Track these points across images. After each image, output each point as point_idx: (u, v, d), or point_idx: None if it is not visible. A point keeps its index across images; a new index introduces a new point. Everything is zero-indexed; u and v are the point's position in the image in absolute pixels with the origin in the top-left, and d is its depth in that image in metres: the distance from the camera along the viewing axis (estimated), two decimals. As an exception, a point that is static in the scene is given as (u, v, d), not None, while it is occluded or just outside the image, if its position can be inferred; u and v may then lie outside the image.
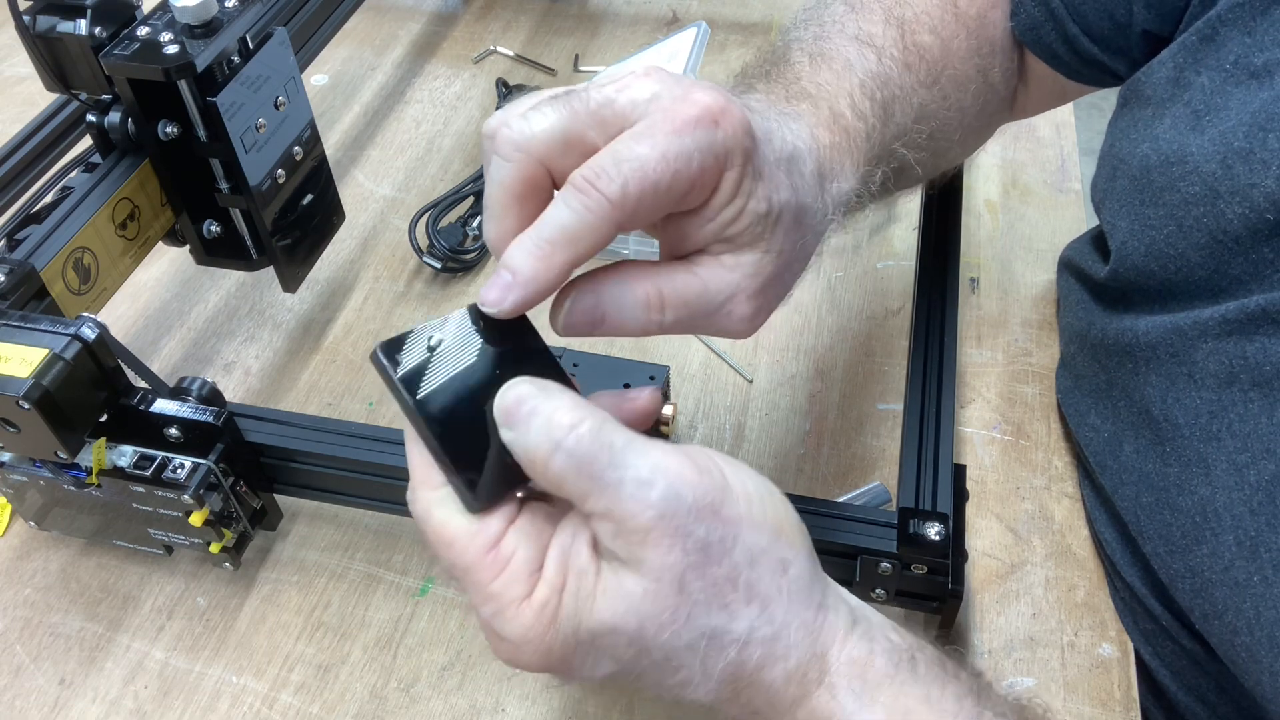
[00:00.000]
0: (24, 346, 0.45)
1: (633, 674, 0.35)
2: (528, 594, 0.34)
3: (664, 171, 0.34)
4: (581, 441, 0.32)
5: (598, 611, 0.33)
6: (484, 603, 0.34)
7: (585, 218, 0.34)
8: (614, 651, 0.34)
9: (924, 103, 0.51)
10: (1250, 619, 0.43)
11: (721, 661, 0.34)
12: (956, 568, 0.47)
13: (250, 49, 0.56)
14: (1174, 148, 0.47)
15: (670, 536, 0.32)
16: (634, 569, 0.33)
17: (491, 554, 0.34)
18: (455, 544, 0.35)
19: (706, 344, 0.68)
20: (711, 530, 0.33)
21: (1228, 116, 0.45)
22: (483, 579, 0.34)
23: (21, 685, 0.53)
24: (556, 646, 0.34)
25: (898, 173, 0.49)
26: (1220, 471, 0.45)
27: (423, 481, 0.36)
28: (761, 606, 0.34)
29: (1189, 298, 0.47)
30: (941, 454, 0.52)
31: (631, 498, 0.32)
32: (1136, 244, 0.49)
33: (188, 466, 0.50)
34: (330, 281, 0.74)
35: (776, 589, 0.35)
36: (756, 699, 0.35)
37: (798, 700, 0.35)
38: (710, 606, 0.33)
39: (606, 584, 0.33)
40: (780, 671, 0.35)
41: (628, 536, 0.32)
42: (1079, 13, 0.53)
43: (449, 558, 0.35)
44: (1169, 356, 0.48)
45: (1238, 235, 0.44)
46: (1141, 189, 0.49)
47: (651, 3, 0.98)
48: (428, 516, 0.35)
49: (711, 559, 0.33)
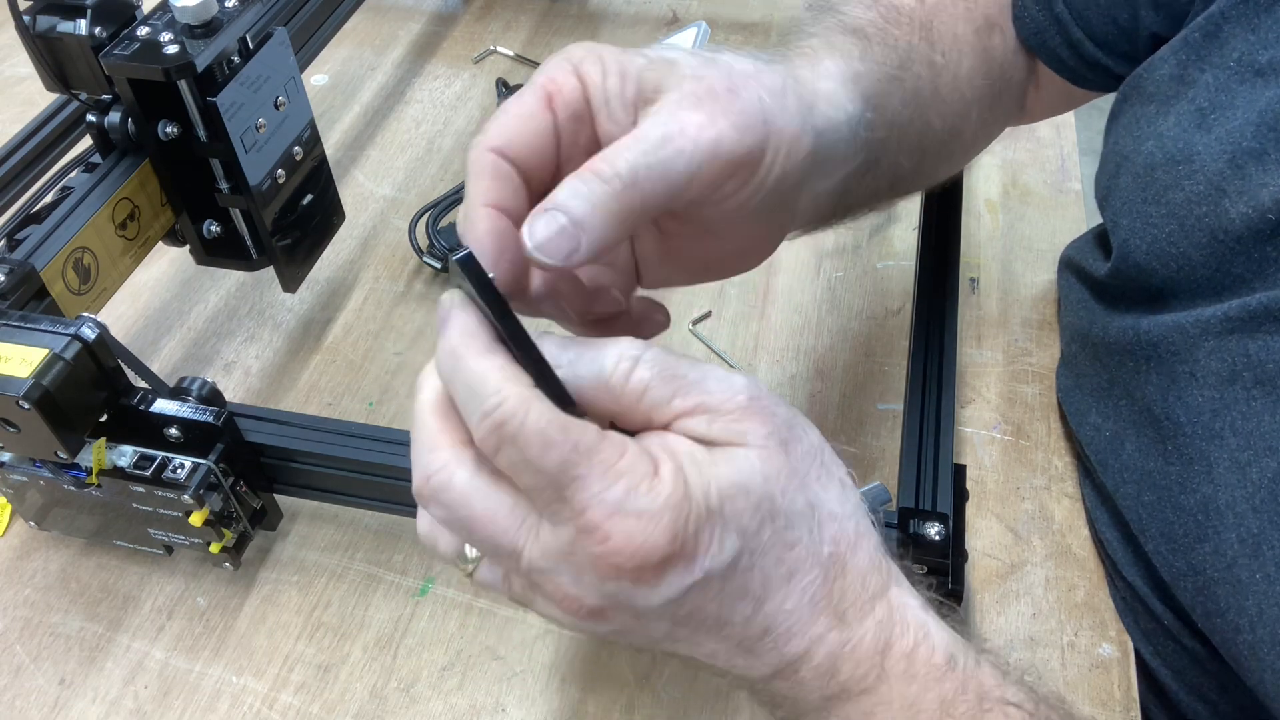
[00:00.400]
0: (24, 346, 0.45)
1: (750, 558, 0.34)
2: (655, 470, 0.32)
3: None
4: (658, 353, 0.34)
5: (724, 474, 0.33)
6: (613, 481, 0.31)
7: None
8: (740, 520, 0.33)
9: (913, 52, 0.49)
10: (1253, 617, 0.43)
11: (830, 529, 0.35)
12: (956, 568, 0.47)
13: (250, 49, 0.56)
14: (1179, 146, 0.46)
15: (762, 413, 0.34)
16: (740, 442, 0.34)
17: (608, 438, 0.32)
18: (570, 430, 0.31)
19: (706, 344, 0.68)
20: (790, 413, 0.35)
21: (1234, 115, 0.44)
22: (609, 458, 0.32)
23: (21, 685, 0.53)
24: (694, 515, 0.32)
25: (901, 159, 0.49)
26: (1222, 469, 0.45)
27: (511, 378, 0.32)
28: (842, 486, 0.36)
29: (1191, 296, 0.47)
30: (941, 454, 0.52)
31: (719, 387, 0.34)
32: (1139, 242, 0.49)
33: (188, 466, 0.50)
34: (330, 281, 0.74)
35: (846, 473, 0.37)
36: (849, 592, 0.35)
37: (878, 593, 0.36)
38: (808, 477, 0.35)
39: (721, 457, 0.33)
40: (867, 552, 0.36)
41: (725, 419, 0.34)
42: (1083, 17, 0.53)
43: (562, 448, 0.31)
44: (1171, 355, 0.48)
45: (1239, 235, 0.44)
46: (1145, 187, 0.49)
47: (651, 3, 0.98)
48: (526, 414, 0.31)
49: (796, 436, 0.35)
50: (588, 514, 0.32)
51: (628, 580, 0.32)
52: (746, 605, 0.34)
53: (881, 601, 0.36)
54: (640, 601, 0.33)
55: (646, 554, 0.32)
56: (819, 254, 0.74)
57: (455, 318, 0.34)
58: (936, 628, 0.36)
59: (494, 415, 0.31)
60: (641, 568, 0.32)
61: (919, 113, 0.49)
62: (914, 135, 0.49)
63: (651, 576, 0.32)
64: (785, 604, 0.35)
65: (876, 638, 0.35)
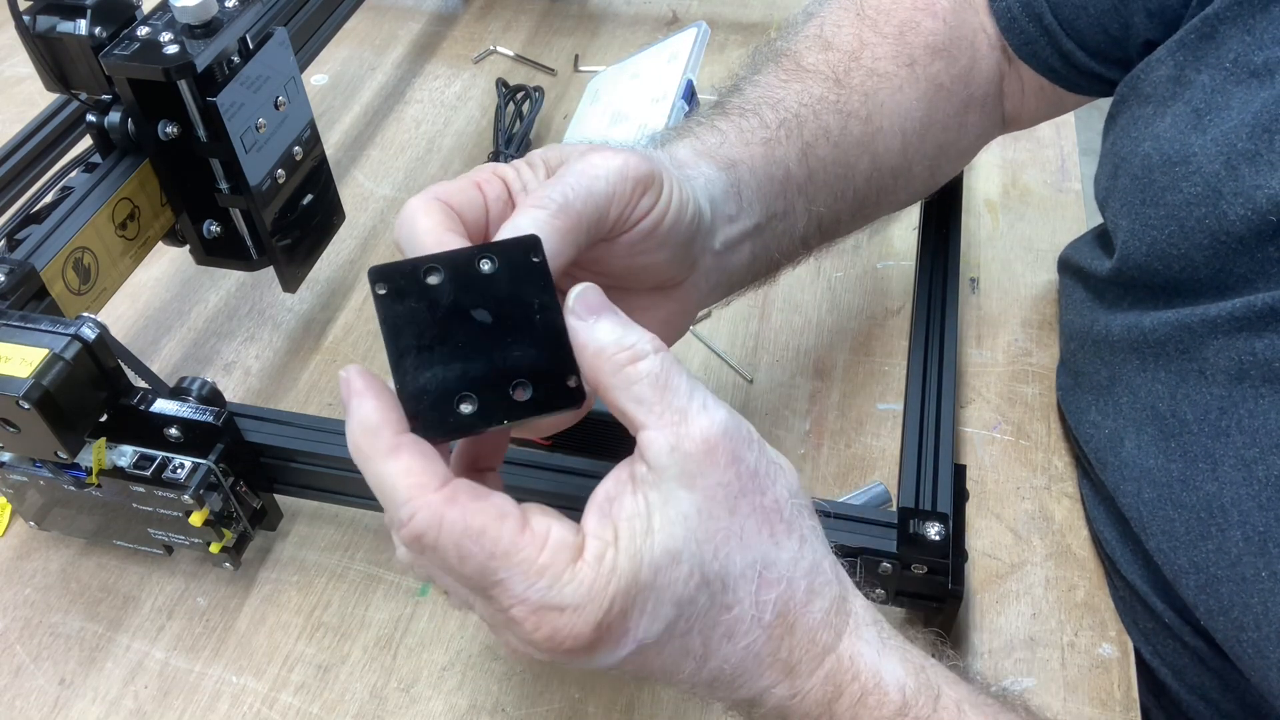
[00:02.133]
0: (24, 346, 0.45)
1: (687, 623, 0.34)
2: (579, 555, 0.33)
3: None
4: (669, 359, 0.34)
5: (658, 542, 0.33)
6: (534, 581, 0.32)
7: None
8: (674, 589, 0.33)
9: (836, 103, 0.52)
10: (1258, 614, 0.43)
11: (774, 592, 0.35)
12: (956, 568, 0.47)
13: (250, 49, 0.56)
14: (1175, 148, 0.47)
15: (727, 456, 0.34)
16: (688, 486, 0.33)
17: (527, 532, 0.33)
18: (486, 532, 0.32)
19: (706, 344, 0.68)
20: (759, 461, 0.35)
21: (1229, 116, 0.45)
22: (529, 555, 0.32)
23: (21, 685, 0.53)
24: (619, 597, 0.32)
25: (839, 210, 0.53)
26: (1228, 467, 0.45)
27: (420, 485, 0.32)
28: (800, 541, 0.36)
29: (1194, 295, 0.47)
30: (941, 454, 0.52)
31: (700, 413, 0.34)
32: (1138, 244, 0.49)
33: (188, 466, 0.50)
34: (330, 281, 0.74)
35: (810, 527, 0.37)
36: (796, 649, 0.36)
37: (829, 647, 0.36)
38: (760, 533, 0.35)
39: (661, 514, 0.33)
40: (819, 610, 0.36)
41: (686, 454, 0.33)
42: (1073, 28, 0.53)
43: (480, 552, 0.32)
44: (1179, 353, 0.48)
45: (1240, 236, 0.44)
46: (1143, 189, 0.49)
47: (651, 3, 0.98)
48: (440, 528, 0.32)
49: (759, 487, 0.35)
50: (512, 612, 0.33)
51: (563, 656, 0.34)
52: (689, 662, 0.35)
53: (831, 655, 0.36)
54: (582, 666, 0.35)
55: (574, 642, 0.33)
56: (819, 254, 0.74)
57: (353, 409, 0.34)
58: (891, 673, 0.36)
59: (409, 528, 0.32)
60: (572, 650, 0.33)
61: (835, 158, 0.52)
62: (831, 182, 0.52)
63: (584, 655, 0.33)
64: (729, 660, 0.35)
65: (824, 688, 0.36)
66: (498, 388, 0.34)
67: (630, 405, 0.34)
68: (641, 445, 0.34)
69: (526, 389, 0.34)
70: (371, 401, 0.33)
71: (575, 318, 0.35)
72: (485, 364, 0.34)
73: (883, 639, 0.38)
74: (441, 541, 0.32)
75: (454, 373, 0.34)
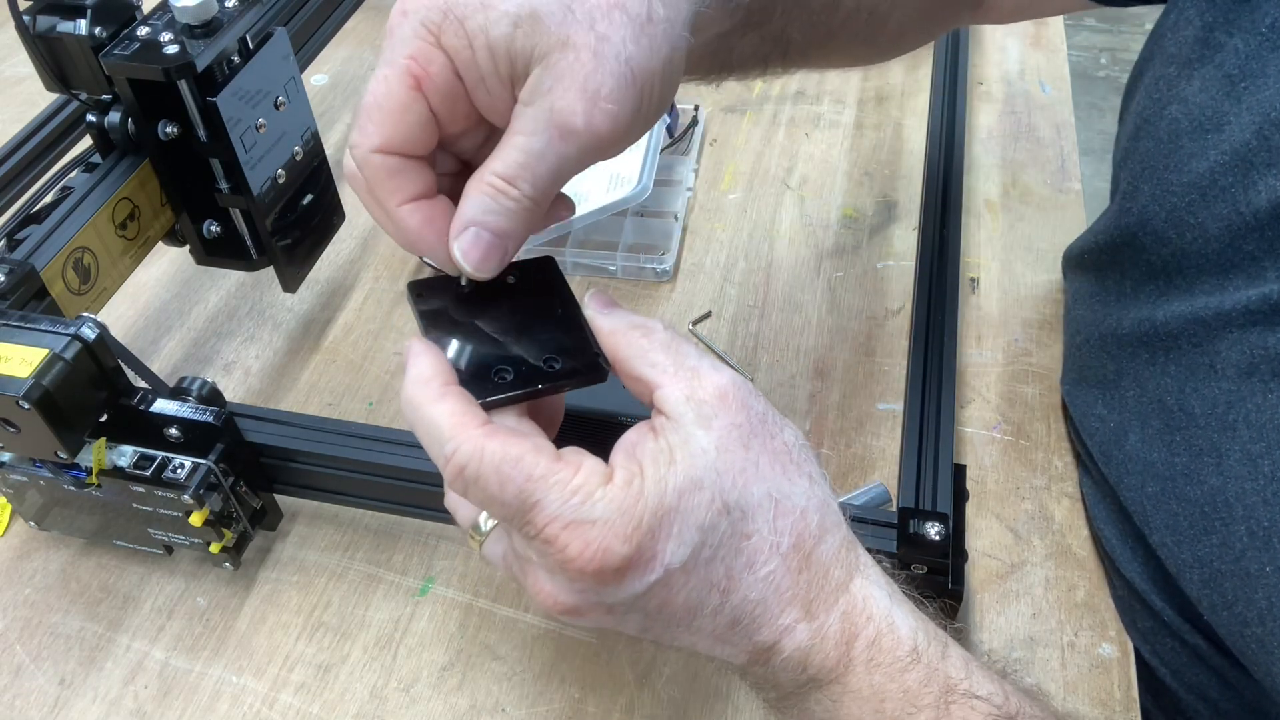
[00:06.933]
0: (24, 346, 0.45)
1: (711, 550, 0.35)
2: (609, 479, 0.35)
3: None
4: (674, 331, 0.39)
5: (680, 471, 0.35)
6: (568, 498, 0.34)
7: None
8: (697, 514, 0.35)
9: None
10: (1262, 609, 0.43)
11: (789, 519, 0.37)
12: (956, 568, 0.47)
13: (250, 49, 0.56)
14: (1207, 114, 0.46)
15: (738, 403, 0.37)
16: (705, 427, 0.36)
17: (561, 460, 0.35)
18: (524, 459, 0.34)
19: (706, 344, 0.68)
20: (767, 410, 0.38)
21: (1265, 84, 0.43)
22: (564, 477, 0.35)
23: (21, 685, 0.53)
24: (646, 517, 0.34)
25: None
26: (1233, 461, 0.45)
27: (463, 424, 0.35)
28: (810, 480, 0.38)
29: (1196, 272, 0.47)
30: (941, 454, 0.52)
31: (711, 371, 0.38)
32: (1157, 208, 0.49)
33: (188, 466, 0.50)
34: (330, 281, 0.74)
35: (819, 472, 0.39)
36: (813, 583, 0.37)
37: (842, 584, 0.37)
38: (772, 469, 0.37)
39: (682, 450, 0.36)
40: (832, 545, 0.37)
41: (701, 401, 0.37)
42: None
43: (518, 475, 0.34)
44: (1191, 346, 0.48)
45: (1258, 209, 0.43)
46: (1168, 154, 0.48)
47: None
48: (481, 457, 0.34)
49: (769, 431, 0.38)
50: (547, 530, 0.34)
51: (592, 581, 0.35)
52: (713, 596, 0.36)
53: (845, 594, 0.37)
54: (609, 598, 0.36)
55: (605, 558, 0.34)
56: (819, 254, 0.74)
57: (410, 365, 0.37)
58: (902, 619, 0.37)
59: (453, 461, 0.35)
60: (602, 570, 0.34)
61: None
62: (811, 11, 0.52)
63: (613, 577, 0.35)
64: (750, 594, 0.36)
65: (842, 628, 0.37)
66: (531, 362, 0.39)
67: (646, 369, 0.37)
68: (658, 402, 0.37)
69: (556, 362, 0.39)
70: (427, 358, 0.37)
71: (592, 311, 0.40)
72: (518, 347, 0.39)
73: (891, 587, 0.39)
74: (484, 470, 0.34)
75: (492, 355, 0.39)
